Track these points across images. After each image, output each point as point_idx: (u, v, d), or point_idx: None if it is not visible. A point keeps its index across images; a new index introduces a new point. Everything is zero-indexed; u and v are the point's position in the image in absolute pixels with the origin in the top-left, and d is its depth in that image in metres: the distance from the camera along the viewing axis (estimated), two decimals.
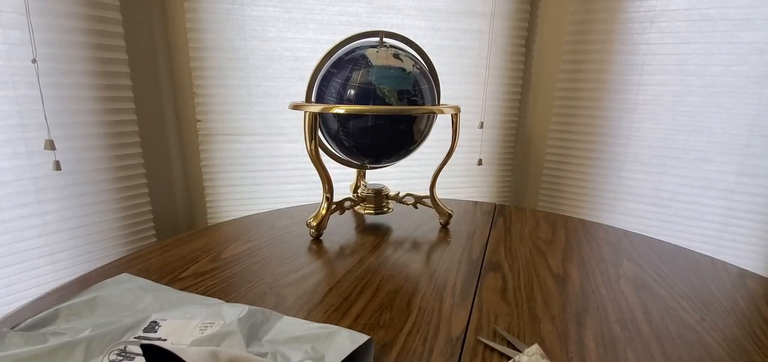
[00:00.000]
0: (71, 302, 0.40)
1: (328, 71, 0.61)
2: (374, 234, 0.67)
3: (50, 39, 0.78)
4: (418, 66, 0.61)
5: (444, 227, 0.71)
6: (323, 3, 1.01)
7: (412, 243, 0.63)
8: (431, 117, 0.62)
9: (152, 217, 1.01)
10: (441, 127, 1.16)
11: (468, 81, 1.16)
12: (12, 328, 0.36)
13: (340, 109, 0.56)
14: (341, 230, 0.68)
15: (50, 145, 0.69)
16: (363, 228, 0.69)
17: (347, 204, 0.69)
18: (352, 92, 0.57)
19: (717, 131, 1.01)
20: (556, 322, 0.43)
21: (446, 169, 1.21)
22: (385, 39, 0.63)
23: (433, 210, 0.75)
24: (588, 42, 1.12)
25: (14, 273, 0.80)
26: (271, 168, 1.09)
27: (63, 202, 0.84)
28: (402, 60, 0.59)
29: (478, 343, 0.39)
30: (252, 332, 0.37)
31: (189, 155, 1.08)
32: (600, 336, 0.41)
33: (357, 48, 0.60)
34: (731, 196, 1.02)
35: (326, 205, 0.63)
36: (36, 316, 0.38)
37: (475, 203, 0.86)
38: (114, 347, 0.34)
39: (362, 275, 0.52)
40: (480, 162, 1.11)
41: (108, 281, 0.46)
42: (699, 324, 0.44)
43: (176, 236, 0.63)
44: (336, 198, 0.66)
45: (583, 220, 0.76)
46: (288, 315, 0.43)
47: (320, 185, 0.75)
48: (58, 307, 0.39)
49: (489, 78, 1.18)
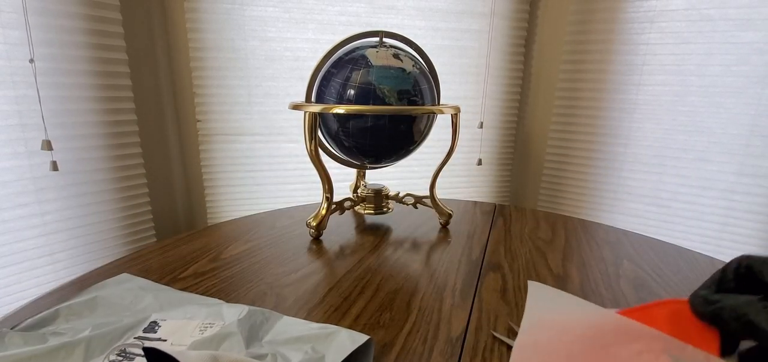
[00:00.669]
0: (71, 302, 0.40)
1: (328, 71, 0.61)
2: (374, 234, 0.67)
3: (50, 39, 0.78)
4: (418, 66, 0.61)
5: (444, 227, 0.71)
6: (323, 3, 1.01)
7: (412, 243, 0.63)
8: (431, 117, 0.62)
9: (152, 217, 1.01)
10: (441, 127, 1.16)
11: (468, 81, 1.16)
12: (12, 328, 0.36)
13: (340, 109, 0.56)
14: (341, 230, 0.68)
15: (47, 146, 0.69)
16: (363, 228, 0.69)
17: (347, 204, 0.69)
18: (352, 92, 0.57)
19: (717, 131, 1.01)
20: None
21: (446, 169, 1.21)
22: (385, 39, 0.63)
23: (433, 210, 0.75)
24: (588, 42, 1.12)
25: (14, 273, 0.80)
26: (271, 168, 1.09)
27: (63, 202, 0.84)
28: (402, 60, 0.59)
29: (493, 340, 0.39)
30: (252, 332, 0.37)
31: (189, 155, 1.08)
32: None
33: (357, 48, 0.60)
34: (731, 196, 1.02)
35: (326, 205, 0.63)
36: (36, 316, 0.38)
37: (475, 203, 0.86)
38: (114, 347, 0.34)
39: (362, 275, 0.52)
40: (480, 162, 1.11)
41: (108, 281, 0.46)
42: None
43: (176, 236, 0.63)
44: (336, 198, 0.66)
45: (583, 220, 0.76)
46: (288, 315, 0.43)
47: (320, 185, 0.75)
48: (58, 307, 0.39)
49: (489, 78, 1.18)
